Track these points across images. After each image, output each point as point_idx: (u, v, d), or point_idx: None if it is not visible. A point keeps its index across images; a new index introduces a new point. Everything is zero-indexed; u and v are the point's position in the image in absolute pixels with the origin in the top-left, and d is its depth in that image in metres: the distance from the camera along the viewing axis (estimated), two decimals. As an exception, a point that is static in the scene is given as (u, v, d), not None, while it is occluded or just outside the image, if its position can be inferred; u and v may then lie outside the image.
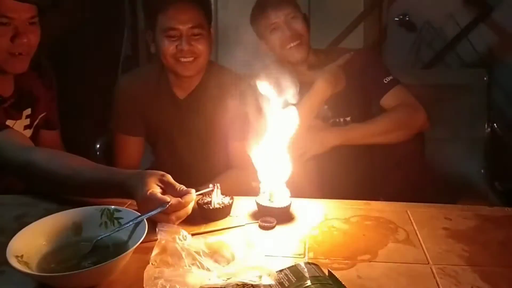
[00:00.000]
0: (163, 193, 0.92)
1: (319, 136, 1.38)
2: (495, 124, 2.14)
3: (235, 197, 1.04)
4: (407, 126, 1.35)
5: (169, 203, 0.88)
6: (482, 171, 2.15)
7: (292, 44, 1.44)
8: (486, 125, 2.13)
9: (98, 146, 1.99)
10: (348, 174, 1.43)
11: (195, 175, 1.36)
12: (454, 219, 0.96)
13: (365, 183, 1.42)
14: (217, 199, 1.00)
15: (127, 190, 0.94)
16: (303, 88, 1.42)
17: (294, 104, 1.37)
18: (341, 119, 1.48)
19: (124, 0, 2.55)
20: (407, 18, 2.45)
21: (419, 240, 0.88)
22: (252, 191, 1.49)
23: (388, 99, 1.42)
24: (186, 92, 1.43)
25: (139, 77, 1.47)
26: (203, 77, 1.43)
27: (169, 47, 1.31)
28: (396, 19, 2.47)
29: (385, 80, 1.44)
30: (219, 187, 1.00)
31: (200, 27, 1.33)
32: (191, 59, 1.32)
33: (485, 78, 2.12)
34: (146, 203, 0.89)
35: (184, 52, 1.30)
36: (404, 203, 1.05)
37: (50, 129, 1.49)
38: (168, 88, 1.43)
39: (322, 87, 1.36)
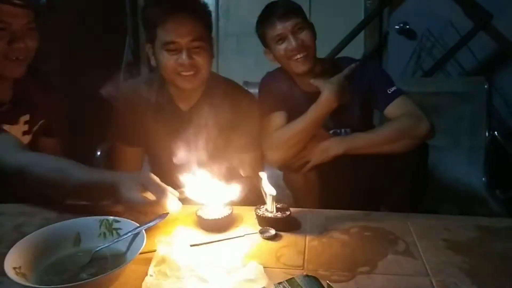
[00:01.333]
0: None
1: (322, 145, 1.38)
2: (495, 132, 2.14)
3: (234, 207, 1.04)
4: (411, 135, 1.34)
5: (168, 214, 0.88)
6: (483, 179, 2.14)
7: (298, 56, 1.42)
8: (486, 133, 2.13)
9: (98, 153, 1.99)
10: (350, 183, 1.42)
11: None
12: (453, 230, 0.95)
13: (367, 193, 1.42)
14: (216, 209, 1.00)
15: (116, 190, 0.96)
16: (308, 98, 1.42)
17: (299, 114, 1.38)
18: (342, 130, 1.47)
19: (125, 6, 2.56)
20: (408, 26, 2.45)
21: (419, 252, 0.87)
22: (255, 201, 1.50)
23: (392, 109, 1.42)
24: (189, 104, 1.41)
25: (140, 86, 1.45)
26: (205, 88, 1.41)
27: (169, 61, 1.28)
28: (396, 27, 2.47)
29: (389, 91, 1.43)
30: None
31: (201, 40, 1.29)
32: (192, 72, 1.29)
33: (485, 86, 2.11)
34: (129, 205, 0.93)
35: (185, 66, 1.27)
36: (404, 213, 1.04)
37: (50, 136, 1.49)
38: (170, 99, 1.42)
39: (329, 99, 1.34)
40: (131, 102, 1.42)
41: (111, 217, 0.91)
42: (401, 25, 2.46)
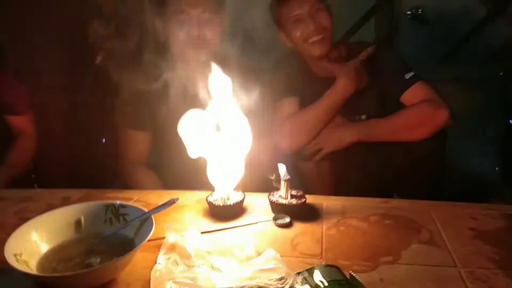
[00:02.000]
0: None
1: (337, 132, 1.32)
2: (510, 121, 2.07)
3: (246, 194, 0.99)
4: (429, 122, 1.28)
5: (178, 200, 0.83)
6: (497, 168, 2.08)
7: (315, 38, 1.34)
8: (501, 122, 2.06)
9: (104, 140, 1.95)
10: (363, 171, 1.36)
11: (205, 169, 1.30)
12: (480, 218, 0.90)
13: (380, 181, 1.36)
14: (227, 195, 0.95)
15: None
16: (322, 83, 1.37)
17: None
18: (356, 117, 1.41)
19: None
20: (420, 12, 2.37)
21: (444, 241, 0.82)
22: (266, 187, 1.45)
23: (409, 95, 1.35)
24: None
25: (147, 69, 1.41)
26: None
27: (179, 33, 1.26)
28: (408, 12, 2.39)
29: (406, 76, 1.36)
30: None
31: (211, 12, 1.27)
32: (201, 44, 1.26)
33: (500, 74, 2.05)
34: None
35: (195, 38, 1.25)
36: (426, 201, 0.99)
37: (16, 114, 1.56)
38: (179, 80, 1.37)
39: (345, 84, 1.29)
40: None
41: (118, 202, 0.86)
42: (414, 10, 2.38)
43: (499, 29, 2.25)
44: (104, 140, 1.92)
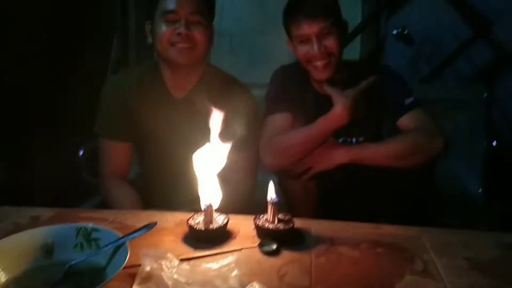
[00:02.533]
0: None
1: (328, 153, 1.26)
2: (494, 142, 2.08)
3: (230, 216, 0.93)
4: (423, 152, 1.24)
5: (156, 224, 0.77)
6: (480, 190, 2.07)
7: (318, 63, 1.29)
8: (485, 143, 2.06)
9: (81, 152, 1.86)
10: (351, 192, 1.32)
11: (188, 187, 1.24)
12: (474, 247, 0.86)
13: (367, 203, 1.31)
14: (210, 218, 0.89)
15: None
16: (321, 100, 1.32)
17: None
18: (353, 139, 1.36)
19: (114, 2, 2.44)
20: (406, 32, 2.38)
21: (439, 272, 0.78)
22: (250, 208, 1.39)
23: (406, 120, 1.31)
24: (183, 91, 1.32)
25: (129, 76, 1.35)
26: (202, 76, 1.32)
27: (166, 31, 1.22)
28: (394, 32, 2.40)
29: (406, 101, 1.32)
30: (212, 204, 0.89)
31: (201, 15, 1.24)
32: (188, 45, 1.22)
33: (484, 95, 2.05)
34: None
35: (181, 36, 1.21)
36: (418, 227, 0.95)
37: None
38: (163, 87, 1.32)
39: (340, 114, 1.22)
40: (119, 92, 1.31)
41: (90, 225, 0.79)
42: (399, 30, 2.39)
43: (483, 50, 2.28)
44: (81, 152, 1.84)
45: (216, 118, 0.97)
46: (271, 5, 2.42)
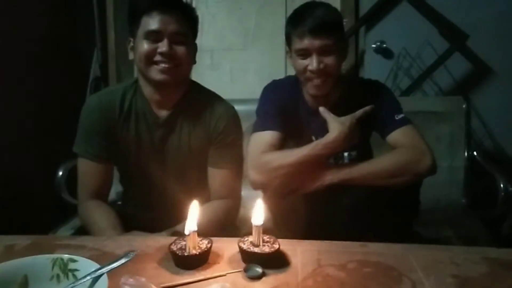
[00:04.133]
0: None
1: (317, 173, 1.24)
2: (474, 152, 2.10)
3: (214, 239, 0.90)
4: (412, 171, 1.22)
5: (135, 252, 0.74)
6: (463, 200, 2.09)
7: (315, 81, 1.28)
8: (465, 153, 2.09)
9: (61, 173, 1.81)
10: (336, 209, 1.30)
11: (172, 209, 1.21)
12: (461, 263, 0.86)
13: (353, 219, 1.30)
14: (192, 243, 0.87)
15: None
16: (314, 116, 1.31)
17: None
18: (345, 153, 1.35)
19: (94, 20, 2.42)
20: (384, 45, 2.42)
21: (428, 291, 0.76)
22: (233, 228, 1.36)
23: (395, 136, 1.29)
24: (166, 109, 1.29)
25: (110, 94, 1.32)
26: (185, 93, 1.30)
27: (148, 49, 1.20)
28: (373, 46, 2.43)
29: (396, 117, 1.31)
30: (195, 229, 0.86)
31: (184, 36, 1.23)
32: (170, 65, 1.20)
33: (463, 106, 2.09)
34: None
35: (164, 55, 1.18)
36: (405, 244, 0.94)
37: None
38: (146, 105, 1.29)
39: (334, 142, 1.21)
40: (99, 111, 1.28)
41: (66, 255, 0.76)
42: (378, 44, 2.42)
43: (461, 62, 2.33)
44: (60, 173, 1.79)
45: None
46: (252, 21, 2.44)
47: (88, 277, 0.70)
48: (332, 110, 1.27)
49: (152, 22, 1.20)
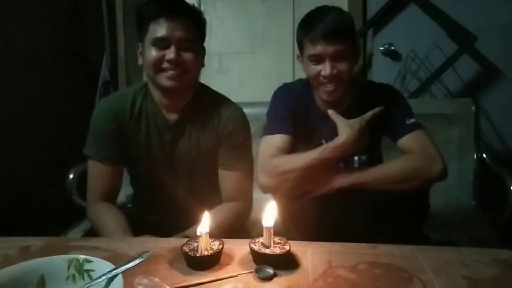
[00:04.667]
0: None
1: (328, 177, 1.25)
2: (484, 155, 2.09)
3: (225, 241, 0.91)
4: (422, 176, 1.22)
5: (150, 253, 0.75)
6: (473, 203, 2.08)
7: (327, 87, 1.28)
8: (474, 156, 2.08)
9: (71, 176, 1.83)
10: (346, 211, 1.30)
11: (181, 211, 1.22)
12: (472, 265, 0.86)
13: (363, 222, 1.30)
14: (204, 244, 0.88)
15: None
16: (325, 120, 1.32)
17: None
18: (356, 157, 1.36)
19: (103, 24, 2.45)
20: (393, 48, 2.42)
21: (438, 293, 0.77)
22: (244, 230, 1.37)
23: (406, 141, 1.29)
24: (175, 112, 1.30)
25: (120, 98, 1.33)
26: (193, 96, 1.31)
27: (156, 56, 1.20)
28: (381, 48, 2.43)
29: (408, 121, 1.31)
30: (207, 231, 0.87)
31: (192, 42, 1.23)
32: (178, 71, 1.21)
33: (472, 108, 2.08)
34: None
35: (172, 63, 1.19)
36: (415, 246, 0.94)
37: None
38: (155, 108, 1.30)
39: (344, 145, 1.21)
40: (110, 114, 1.29)
41: (82, 256, 0.77)
42: (386, 46, 2.42)
43: (469, 64, 2.32)
44: (71, 176, 1.81)
45: None
46: (260, 25, 2.46)
47: (104, 277, 0.72)
48: (344, 114, 1.28)
49: (160, 29, 1.20)
